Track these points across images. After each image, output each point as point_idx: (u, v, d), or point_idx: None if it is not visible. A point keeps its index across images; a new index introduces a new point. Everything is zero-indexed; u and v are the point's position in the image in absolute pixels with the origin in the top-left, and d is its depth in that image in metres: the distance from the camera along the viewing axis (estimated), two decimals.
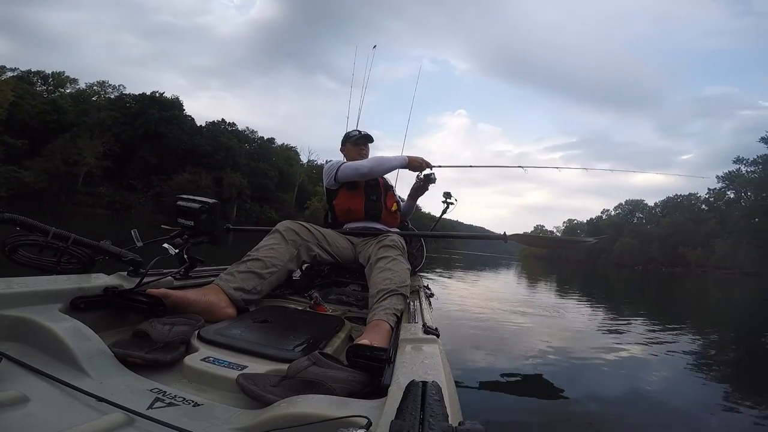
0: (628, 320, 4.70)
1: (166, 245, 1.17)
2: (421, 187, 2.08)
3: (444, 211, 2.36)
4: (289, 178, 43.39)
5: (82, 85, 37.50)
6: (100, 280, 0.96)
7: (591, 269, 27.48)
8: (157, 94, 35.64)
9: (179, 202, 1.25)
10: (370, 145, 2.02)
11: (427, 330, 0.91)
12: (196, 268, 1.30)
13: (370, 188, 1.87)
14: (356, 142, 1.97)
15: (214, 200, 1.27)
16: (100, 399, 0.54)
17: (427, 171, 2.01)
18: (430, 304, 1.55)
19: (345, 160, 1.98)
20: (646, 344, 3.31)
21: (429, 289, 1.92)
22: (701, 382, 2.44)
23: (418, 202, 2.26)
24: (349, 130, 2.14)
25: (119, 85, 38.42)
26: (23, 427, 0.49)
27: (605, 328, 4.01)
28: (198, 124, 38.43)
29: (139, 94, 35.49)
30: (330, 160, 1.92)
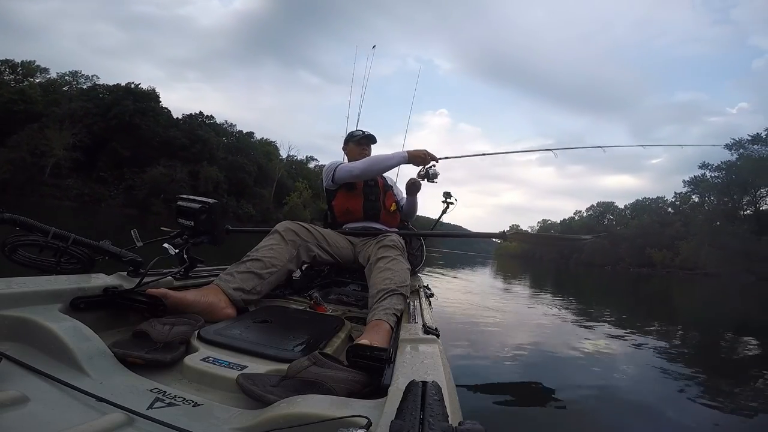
0: (608, 318, 4.89)
1: (166, 245, 1.17)
2: (414, 183, 1.98)
3: (444, 211, 2.36)
4: (267, 173, 42.59)
5: (53, 74, 35.76)
6: (100, 280, 0.96)
7: (563, 268, 28.11)
8: (133, 85, 34.54)
9: (179, 203, 1.25)
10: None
11: (427, 330, 0.91)
12: (196, 268, 1.30)
13: (369, 188, 1.86)
14: (359, 142, 1.96)
15: (214, 200, 1.27)
16: (100, 399, 0.54)
17: (432, 171, 1.91)
18: (430, 304, 1.55)
19: (345, 160, 1.98)
20: (633, 341, 3.50)
21: (429, 288, 1.92)
22: (680, 375, 2.58)
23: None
24: (352, 129, 2.14)
25: (93, 76, 36.82)
26: (23, 427, 0.49)
27: (590, 325, 4.12)
28: (175, 117, 37.27)
29: (114, 85, 34.37)
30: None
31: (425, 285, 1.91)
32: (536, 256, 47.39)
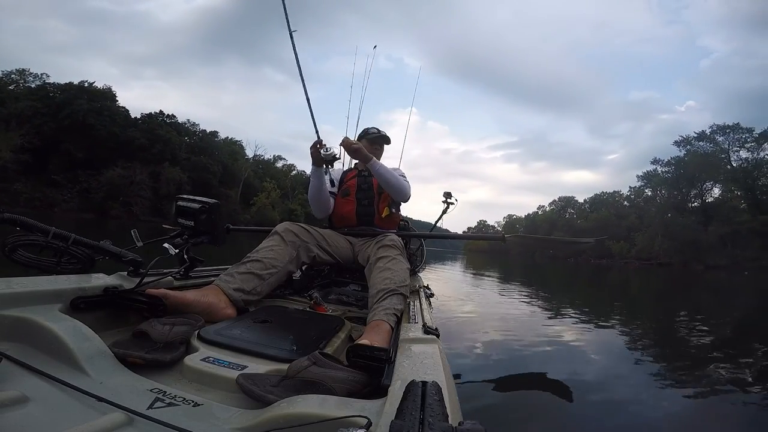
0: (588, 312, 5.02)
1: (166, 245, 1.17)
2: (350, 153, 1.68)
3: (444, 211, 2.37)
4: (233, 173, 41.17)
5: None
6: (100, 280, 0.96)
7: (530, 261, 29.05)
8: (86, 84, 32.90)
9: (179, 203, 1.25)
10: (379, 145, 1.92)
11: (427, 330, 0.91)
12: (196, 268, 1.30)
13: (362, 192, 1.82)
14: (373, 141, 1.90)
15: (214, 200, 1.27)
16: (100, 399, 0.54)
17: (324, 151, 1.59)
18: (430, 304, 1.55)
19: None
20: (620, 334, 3.71)
21: (429, 288, 1.92)
22: (663, 363, 2.74)
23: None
24: (351, 128, 2.13)
25: (42, 74, 33.53)
26: (23, 427, 0.49)
27: (576, 320, 4.19)
28: (133, 116, 35.29)
29: (66, 84, 32.27)
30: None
31: (425, 285, 1.91)
32: (503, 250, 49.24)
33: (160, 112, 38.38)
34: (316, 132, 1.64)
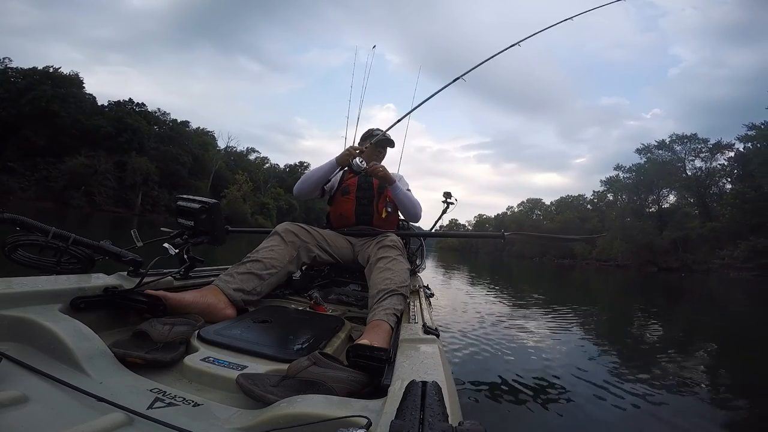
0: (571, 313, 5.11)
1: (166, 245, 1.17)
2: (382, 178, 1.73)
3: (444, 211, 2.37)
4: (204, 164, 40.44)
5: None
6: (100, 280, 0.96)
7: (498, 260, 30.34)
8: (52, 69, 31.62)
9: (179, 203, 1.25)
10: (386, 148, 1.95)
11: (427, 330, 0.91)
12: (196, 269, 1.30)
13: (362, 191, 1.81)
14: (377, 144, 1.90)
15: (214, 200, 1.27)
16: (100, 399, 0.54)
17: (357, 160, 1.67)
18: (430, 304, 1.55)
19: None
20: (610, 335, 3.88)
21: (429, 288, 1.92)
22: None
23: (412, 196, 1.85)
24: (351, 128, 2.13)
25: (4, 58, 31.76)
26: (23, 427, 0.49)
27: (566, 321, 4.26)
28: (100, 104, 34.64)
29: (29, 69, 30.90)
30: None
31: (425, 285, 1.91)
32: (473, 249, 54.66)
33: (130, 100, 37.36)
34: (361, 150, 1.74)
